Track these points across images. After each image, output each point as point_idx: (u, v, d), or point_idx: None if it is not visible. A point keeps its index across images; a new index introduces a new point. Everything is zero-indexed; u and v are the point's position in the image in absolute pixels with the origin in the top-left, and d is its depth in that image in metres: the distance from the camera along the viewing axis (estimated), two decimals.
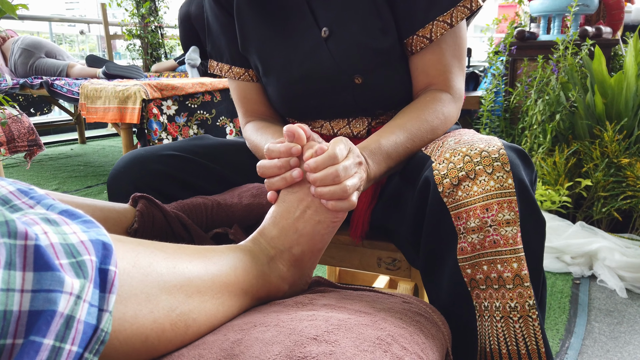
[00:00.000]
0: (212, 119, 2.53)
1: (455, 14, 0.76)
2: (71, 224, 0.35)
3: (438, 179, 0.60)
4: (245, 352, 0.41)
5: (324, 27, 0.80)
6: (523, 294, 0.55)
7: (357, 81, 0.80)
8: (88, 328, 0.32)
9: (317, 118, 0.88)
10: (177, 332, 0.43)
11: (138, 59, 4.13)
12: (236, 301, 0.50)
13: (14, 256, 0.29)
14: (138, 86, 2.26)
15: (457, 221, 0.58)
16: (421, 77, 0.81)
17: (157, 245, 0.45)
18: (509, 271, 0.55)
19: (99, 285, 0.34)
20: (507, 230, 0.56)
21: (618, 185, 1.80)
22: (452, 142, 0.65)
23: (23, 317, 0.28)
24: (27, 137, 2.50)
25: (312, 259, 0.60)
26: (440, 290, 0.63)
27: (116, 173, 0.78)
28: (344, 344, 0.40)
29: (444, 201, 0.59)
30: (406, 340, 0.44)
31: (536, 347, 0.55)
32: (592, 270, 1.72)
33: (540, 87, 2.00)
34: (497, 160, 0.58)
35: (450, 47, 0.79)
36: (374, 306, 0.51)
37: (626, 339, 1.32)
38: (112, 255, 0.35)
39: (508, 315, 0.56)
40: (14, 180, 0.37)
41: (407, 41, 0.79)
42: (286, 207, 0.59)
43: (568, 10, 2.07)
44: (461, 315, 0.60)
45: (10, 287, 0.28)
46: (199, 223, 0.72)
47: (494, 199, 0.56)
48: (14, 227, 0.30)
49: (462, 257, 0.58)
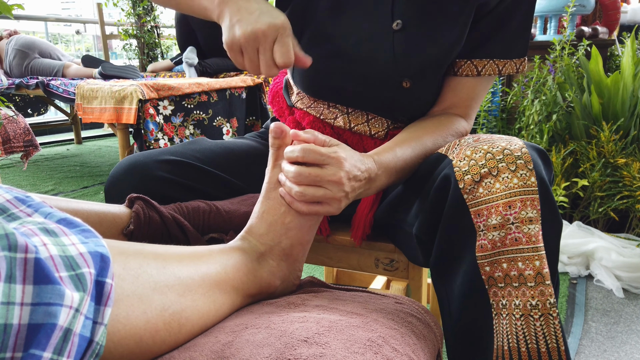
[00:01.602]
0: (209, 119, 2.52)
1: (506, 66, 0.80)
2: (70, 234, 0.35)
3: (459, 175, 0.60)
4: (235, 354, 0.40)
5: (398, 19, 0.76)
6: (544, 292, 0.55)
7: (405, 85, 0.78)
8: (82, 341, 0.32)
9: (341, 104, 0.84)
10: (170, 331, 0.43)
11: (134, 58, 4.12)
12: (227, 298, 0.50)
13: (14, 269, 0.29)
14: (134, 86, 2.25)
15: (477, 218, 0.58)
16: (449, 96, 0.82)
17: (146, 247, 0.45)
18: (530, 269, 0.55)
19: (95, 297, 0.34)
20: (530, 228, 0.55)
21: (615, 185, 1.80)
22: (471, 140, 0.65)
23: (22, 331, 0.29)
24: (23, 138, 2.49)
25: (302, 252, 0.61)
26: (453, 289, 0.62)
27: (115, 179, 0.76)
28: (335, 346, 0.39)
29: (464, 198, 0.59)
30: (397, 342, 0.43)
31: (556, 345, 0.55)
32: (589, 270, 1.72)
33: (537, 87, 2.00)
34: (520, 158, 0.58)
35: (484, 88, 0.82)
36: (366, 307, 0.50)
37: (623, 339, 1.32)
38: (109, 267, 0.35)
39: (529, 314, 0.55)
40: (10, 187, 0.37)
41: (457, 62, 0.80)
42: (272, 204, 0.60)
43: (565, 10, 2.07)
44: (476, 314, 0.59)
45: (11, 300, 0.29)
46: (196, 226, 0.71)
47: (517, 196, 0.56)
48: (14, 240, 0.30)
49: (481, 254, 0.57)
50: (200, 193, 0.79)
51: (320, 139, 0.62)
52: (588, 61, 1.93)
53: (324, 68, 0.81)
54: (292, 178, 0.58)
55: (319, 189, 0.58)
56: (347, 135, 0.85)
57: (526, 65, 0.81)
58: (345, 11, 0.78)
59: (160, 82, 2.37)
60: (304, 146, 0.59)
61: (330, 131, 0.85)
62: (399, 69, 0.77)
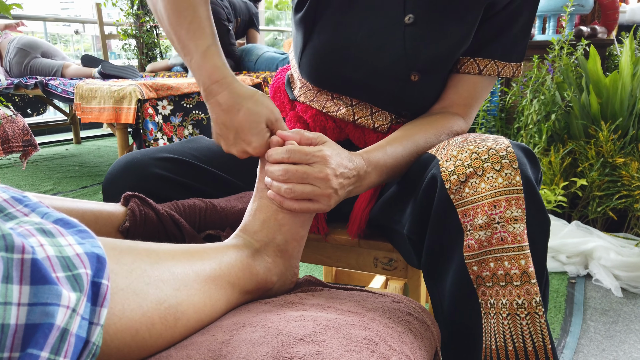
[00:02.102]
0: (208, 119, 2.52)
1: (505, 69, 0.81)
2: (66, 235, 0.35)
3: (445, 176, 0.60)
4: (232, 352, 0.40)
5: (410, 13, 0.77)
6: (530, 291, 0.55)
7: (413, 78, 0.79)
8: (79, 341, 0.33)
9: (347, 95, 0.85)
10: (167, 325, 0.43)
11: (133, 58, 4.12)
12: (223, 294, 0.51)
13: (11, 270, 0.29)
14: (133, 86, 2.25)
15: (464, 218, 0.58)
16: (450, 93, 0.83)
17: (139, 243, 0.46)
18: (516, 268, 0.55)
19: (91, 298, 0.34)
20: (515, 227, 0.56)
21: (613, 184, 1.80)
22: (459, 140, 0.65)
23: (20, 331, 0.29)
24: (21, 138, 2.48)
25: (297, 247, 0.62)
26: (443, 289, 0.62)
27: (112, 177, 0.77)
28: (331, 344, 0.39)
29: (451, 198, 0.59)
30: (394, 340, 0.43)
31: (542, 344, 0.55)
32: (587, 270, 1.72)
33: (536, 87, 2.00)
34: (505, 158, 0.58)
35: (485, 88, 0.83)
36: (364, 306, 0.51)
37: (621, 338, 1.32)
38: (105, 269, 0.36)
39: (515, 312, 0.56)
40: (6, 186, 0.37)
41: (461, 59, 0.81)
42: (264, 202, 0.61)
43: (563, 10, 2.07)
44: (466, 313, 0.59)
45: (8, 300, 0.29)
46: (193, 224, 0.72)
47: (502, 195, 0.56)
48: (11, 241, 0.30)
49: (468, 254, 0.58)
50: (197, 191, 0.79)
51: (307, 136, 0.63)
52: (587, 61, 1.93)
53: (333, 58, 0.81)
54: (280, 176, 0.59)
55: (307, 186, 0.59)
56: (349, 128, 0.85)
57: (522, 70, 0.83)
58: (358, 2, 0.79)
59: (159, 82, 2.37)
60: (289, 147, 0.60)
61: (332, 124, 0.85)
62: (409, 63, 0.78)
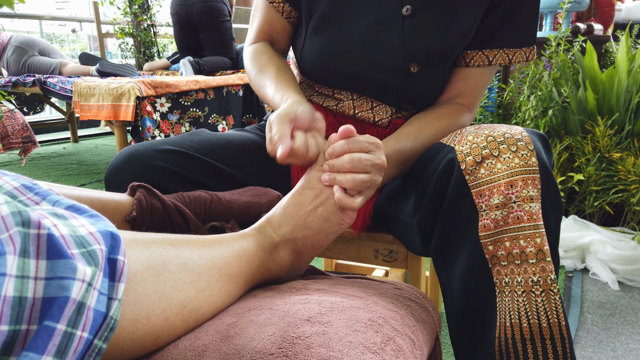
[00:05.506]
0: (205, 117, 2.53)
1: (516, 55, 0.81)
2: (79, 217, 0.35)
3: (461, 157, 0.61)
4: (240, 333, 0.41)
5: (408, 5, 0.77)
6: (545, 268, 0.56)
7: (413, 69, 0.79)
8: (98, 315, 0.33)
9: (346, 89, 0.85)
10: (187, 327, 0.44)
11: (131, 57, 4.11)
12: (237, 290, 0.51)
13: (28, 244, 0.30)
14: (132, 83, 2.25)
15: (479, 199, 0.59)
16: (459, 85, 0.83)
17: (168, 240, 0.45)
18: (532, 246, 0.56)
19: (109, 274, 0.34)
20: (531, 207, 0.57)
21: (610, 179, 1.82)
22: (472, 128, 0.66)
23: (37, 304, 0.29)
24: (21, 134, 2.48)
25: (312, 253, 0.61)
26: (455, 271, 0.63)
27: (115, 169, 0.77)
28: (337, 325, 0.40)
29: (466, 179, 0.60)
30: (397, 322, 0.44)
31: (557, 320, 0.56)
32: (584, 264, 1.73)
33: (533, 83, 2.01)
34: (521, 141, 0.59)
35: (490, 77, 0.83)
36: (366, 291, 0.51)
37: (618, 330, 1.33)
38: (120, 245, 0.36)
39: (530, 290, 0.56)
40: (16, 174, 0.37)
41: (469, 53, 0.81)
42: (300, 200, 0.60)
43: (560, 7, 2.08)
44: (480, 293, 0.60)
45: (25, 274, 0.29)
46: (197, 215, 0.72)
47: (518, 175, 0.57)
48: (27, 217, 0.30)
49: (484, 234, 0.58)
50: (199, 183, 0.80)
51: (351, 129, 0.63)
52: (583, 57, 1.95)
53: (332, 51, 0.81)
54: (347, 163, 0.59)
55: (366, 175, 0.59)
56: (349, 123, 0.85)
57: (535, 53, 0.82)
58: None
59: (158, 79, 2.37)
60: (351, 139, 0.60)
61: (332, 119, 0.86)
62: (408, 54, 0.78)
